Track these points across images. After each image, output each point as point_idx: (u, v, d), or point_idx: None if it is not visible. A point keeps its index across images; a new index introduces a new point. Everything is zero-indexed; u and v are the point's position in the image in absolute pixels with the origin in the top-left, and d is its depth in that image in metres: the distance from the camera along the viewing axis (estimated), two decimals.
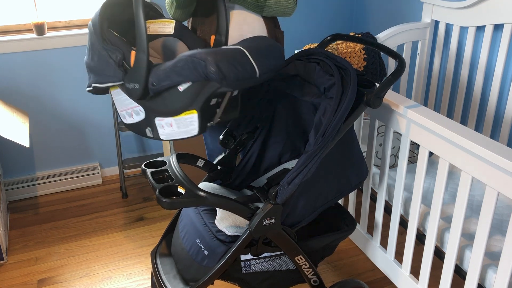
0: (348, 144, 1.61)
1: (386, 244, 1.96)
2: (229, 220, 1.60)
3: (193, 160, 1.81)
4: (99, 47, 1.49)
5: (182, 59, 1.40)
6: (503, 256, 1.37)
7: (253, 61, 1.43)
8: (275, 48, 1.54)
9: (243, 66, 1.41)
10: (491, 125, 2.26)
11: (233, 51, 1.42)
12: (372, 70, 2.29)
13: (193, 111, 1.45)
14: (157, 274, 1.66)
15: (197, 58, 1.37)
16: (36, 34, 2.58)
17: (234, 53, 1.42)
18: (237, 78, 1.40)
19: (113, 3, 1.59)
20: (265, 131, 1.88)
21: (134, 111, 1.55)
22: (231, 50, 1.42)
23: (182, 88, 1.42)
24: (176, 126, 1.49)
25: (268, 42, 1.56)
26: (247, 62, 1.42)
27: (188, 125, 1.48)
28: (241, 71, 1.40)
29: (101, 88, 1.56)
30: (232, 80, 1.38)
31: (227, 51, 1.42)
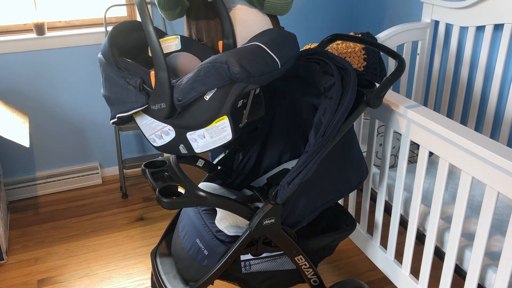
0: (348, 144, 1.61)
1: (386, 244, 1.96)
2: (229, 220, 1.60)
3: (193, 160, 1.81)
4: (115, 77, 1.49)
5: (203, 68, 1.39)
6: (503, 256, 1.37)
7: (272, 53, 1.43)
8: (287, 36, 1.53)
9: (264, 60, 1.40)
10: (491, 125, 2.25)
11: (251, 47, 1.42)
12: (372, 70, 2.29)
13: (223, 117, 1.43)
14: (157, 274, 1.66)
15: (219, 63, 1.36)
16: (36, 34, 2.58)
17: (252, 50, 1.42)
18: (262, 72, 1.39)
19: (119, 32, 1.59)
20: (265, 131, 1.88)
21: (163, 131, 1.54)
22: (249, 47, 1.42)
23: (208, 97, 1.41)
24: (209, 136, 1.48)
25: (279, 32, 1.55)
26: (267, 55, 1.42)
27: (221, 132, 1.47)
28: (263, 65, 1.40)
29: (126, 116, 1.56)
30: (258, 75, 1.38)
31: (244, 49, 1.42)
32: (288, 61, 1.48)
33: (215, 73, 1.35)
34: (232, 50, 1.42)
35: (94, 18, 2.77)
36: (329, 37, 1.92)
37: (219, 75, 1.35)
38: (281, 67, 1.45)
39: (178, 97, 1.40)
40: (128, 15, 2.84)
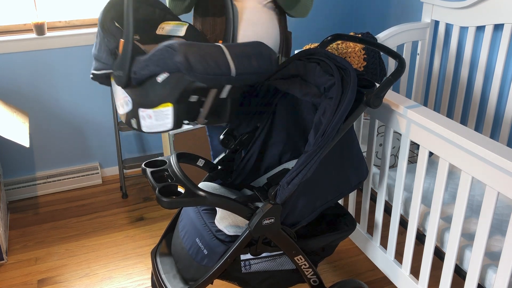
0: (348, 144, 1.61)
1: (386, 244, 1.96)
2: (228, 220, 1.60)
3: (193, 159, 1.81)
4: (100, 36, 1.54)
5: (160, 49, 1.40)
6: (503, 256, 1.37)
7: (230, 59, 1.41)
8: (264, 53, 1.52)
9: (216, 62, 1.39)
10: (491, 125, 2.25)
11: (211, 46, 1.42)
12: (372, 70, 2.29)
13: (168, 104, 1.44)
14: (157, 273, 1.66)
15: (170, 48, 1.37)
16: (36, 34, 2.58)
17: (210, 48, 1.41)
18: (206, 72, 1.38)
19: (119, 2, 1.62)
20: (265, 131, 1.88)
21: (124, 101, 1.56)
22: (210, 46, 1.42)
23: (160, 79, 1.42)
24: (155, 118, 1.48)
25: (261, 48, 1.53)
26: (222, 59, 1.40)
27: (164, 118, 1.47)
28: (212, 66, 1.39)
29: (97, 75, 1.59)
30: (200, 73, 1.37)
31: (204, 45, 1.42)
32: (247, 75, 1.46)
33: (165, 57, 1.37)
34: (193, 42, 1.43)
35: (94, 18, 2.77)
36: (330, 37, 1.92)
37: (166, 59, 1.37)
38: (236, 76, 1.43)
39: (135, 70, 1.43)
40: None
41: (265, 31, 1.86)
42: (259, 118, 1.86)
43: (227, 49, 1.43)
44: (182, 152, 1.75)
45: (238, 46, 1.48)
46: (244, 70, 1.45)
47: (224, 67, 1.41)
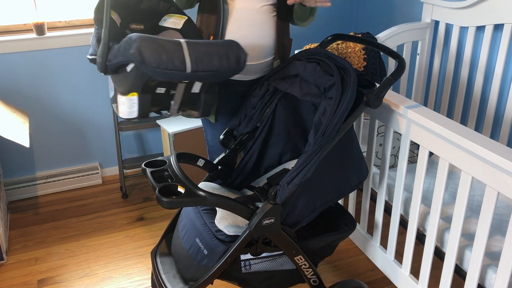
0: (348, 144, 1.61)
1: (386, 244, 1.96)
2: (228, 220, 1.60)
3: (193, 159, 1.81)
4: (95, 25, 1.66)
5: (125, 39, 1.46)
6: (503, 256, 1.37)
7: (187, 56, 1.44)
8: (231, 54, 1.53)
9: (171, 57, 1.42)
10: (491, 125, 2.25)
11: (170, 42, 1.45)
12: (372, 70, 2.29)
13: (134, 93, 1.51)
14: (157, 273, 1.66)
15: (130, 40, 1.42)
16: (36, 34, 2.58)
17: (168, 44, 1.44)
18: (158, 66, 1.41)
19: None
20: (266, 131, 1.88)
21: (110, 87, 1.64)
22: (169, 41, 1.45)
23: (129, 69, 1.47)
24: (127, 105, 1.54)
25: (229, 48, 1.54)
26: (178, 55, 1.43)
27: (132, 106, 1.53)
28: (165, 60, 1.41)
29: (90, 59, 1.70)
30: (153, 67, 1.41)
31: (163, 40, 1.45)
32: (205, 73, 1.48)
33: (126, 48, 1.42)
34: (153, 36, 1.47)
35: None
36: (330, 37, 1.92)
37: (127, 51, 1.42)
38: (191, 73, 1.45)
39: (109, 58, 1.50)
40: None
41: (255, 34, 1.83)
42: (259, 118, 1.86)
43: (187, 45, 1.46)
44: (182, 152, 1.75)
45: (203, 44, 1.50)
46: (201, 68, 1.47)
47: (179, 63, 1.43)
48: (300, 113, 1.90)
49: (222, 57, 1.50)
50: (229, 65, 1.52)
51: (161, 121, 2.78)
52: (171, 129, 2.64)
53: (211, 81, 1.58)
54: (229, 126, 1.87)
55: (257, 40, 1.84)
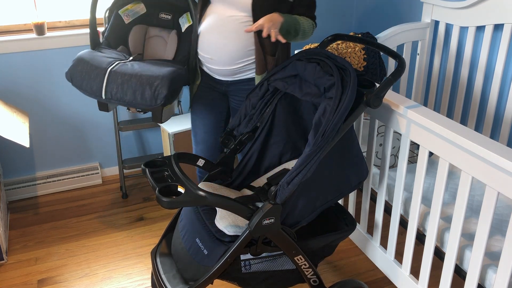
0: (348, 144, 1.61)
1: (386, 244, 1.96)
2: (228, 220, 1.60)
3: (193, 159, 1.81)
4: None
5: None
6: (503, 256, 1.37)
7: (104, 85, 1.70)
8: (149, 90, 1.69)
9: (90, 84, 1.72)
10: (491, 125, 2.25)
11: (97, 68, 1.73)
12: (372, 70, 2.29)
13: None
14: (157, 273, 1.66)
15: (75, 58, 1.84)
16: (36, 34, 2.58)
17: (94, 70, 1.73)
18: (80, 88, 1.75)
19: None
20: (266, 131, 1.88)
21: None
22: (97, 67, 1.73)
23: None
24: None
25: (151, 82, 1.69)
26: (97, 83, 1.71)
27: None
28: (85, 86, 1.73)
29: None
30: (76, 87, 1.77)
31: (94, 66, 1.74)
32: (118, 102, 1.72)
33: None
34: (90, 60, 1.80)
35: None
36: (330, 37, 1.92)
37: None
38: (105, 99, 1.73)
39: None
40: None
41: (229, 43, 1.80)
42: (259, 118, 1.86)
43: (109, 75, 1.71)
44: (182, 152, 1.75)
45: (128, 75, 1.69)
46: (114, 98, 1.71)
47: (96, 90, 1.72)
48: (300, 113, 1.90)
49: (137, 92, 1.69)
50: (142, 101, 1.70)
51: None
52: (171, 129, 2.64)
53: (126, 106, 1.80)
54: (229, 126, 1.87)
55: (229, 50, 1.82)
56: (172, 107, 2.01)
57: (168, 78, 1.72)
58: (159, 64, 1.85)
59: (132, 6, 2.12)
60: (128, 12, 2.11)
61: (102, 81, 1.69)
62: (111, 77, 1.69)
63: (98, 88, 1.69)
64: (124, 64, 1.78)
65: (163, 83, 1.69)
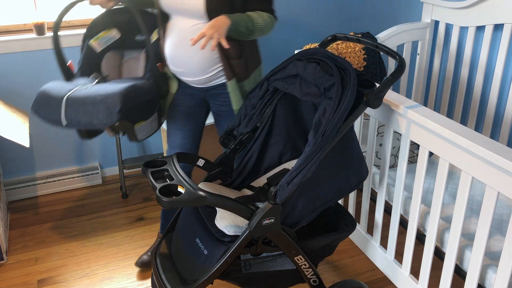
0: (348, 144, 1.61)
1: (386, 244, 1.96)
2: (228, 220, 1.60)
3: (193, 159, 1.81)
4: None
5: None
6: (503, 256, 1.37)
7: (63, 112, 1.73)
8: (104, 110, 1.71)
9: (48, 113, 1.76)
10: (491, 125, 2.26)
11: (54, 98, 1.76)
12: (372, 70, 2.30)
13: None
14: (157, 273, 1.66)
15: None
16: (36, 34, 2.58)
17: (52, 100, 1.76)
18: (43, 118, 1.77)
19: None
20: (265, 131, 1.88)
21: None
22: (55, 98, 1.76)
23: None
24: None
25: (103, 103, 1.71)
26: (55, 112, 1.74)
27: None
28: (45, 114, 1.77)
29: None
30: (39, 116, 1.78)
31: (51, 97, 1.77)
32: (78, 125, 1.73)
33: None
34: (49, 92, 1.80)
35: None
36: (330, 37, 1.92)
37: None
38: (66, 125, 1.74)
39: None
40: None
41: (196, 54, 1.79)
42: (259, 118, 1.86)
43: (66, 103, 1.73)
44: (182, 152, 1.75)
45: (81, 100, 1.73)
46: (74, 123, 1.74)
47: (55, 118, 1.74)
48: (300, 113, 1.90)
49: (92, 113, 1.71)
50: (99, 120, 1.72)
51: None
52: None
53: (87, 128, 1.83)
54: (229, 126, 1.87)
55: (190, 58, 1.82)
56: (148, 124, 1.96)
57: (122, 93, 1.71)
58: (118, 82, 1.87)
59: (105, 33, 2.13)
60: (100, 40, 2.12)
61: (60, 109, 1.72)
62: (68, 103, 1.72)
63: (58, 116, 1.72)
64: (83, 89, 1.80)
65: (116, 98, 1.70)
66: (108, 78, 2.11)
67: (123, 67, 2.20)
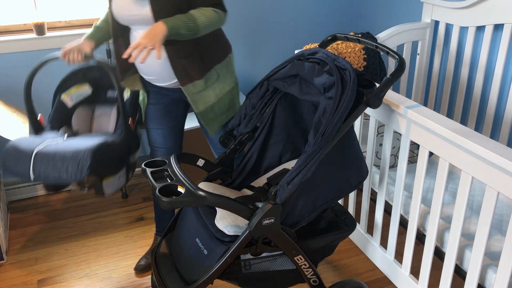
0: (347, 144, 1.61)
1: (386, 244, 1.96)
2: (228, 220, 1.60)
3: (193, 159, 1.81)
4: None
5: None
6: (503, 256, 1.37)
7: (31, 167, 1.77)
8: (72, 165, 1.77)
9: (16, 167, 1.80)
10: (491, 125, 2.25)
11: (24, 153, 1.81)
12: (372, 70, 2.30)
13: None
14: (157, 273, 1.66)
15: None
16: (36, 34, 2.58)
17: (21, 155, 1.80)
18: (11, 172, 1.81)
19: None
20: (265, 131, 1.88)
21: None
22: (25, 152, 1.81)
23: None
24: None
25: (73, 159, 1.77)
26: (23, 166, 1.79)
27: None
28: (14, 168, 1.81)
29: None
30: (7, 169, 1.82)
31: (21, 152, 1.82)
32: (47, 179, 1.78)
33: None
34: (19, 146, 1.84)
35: (94, 18, 2.77)
36: (329, 37, 1.92)
37: None
38: (34, 179, 1.79)
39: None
40: None
41: (158, 61, 1.78)
42: (259, 118, 1.86)
43: (35, 159, 1.78)
44: (182, 152, 1.75)
45: (51, 156, 1.77)
46: (42, 177, 1.78)
47: (25, 171, 1.78)
48: (300, 113, 1.90)
49: (61, 169, 1.76)
50: (67, 177, 1.76)
51: None
52: None
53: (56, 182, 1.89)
54: (229, 126, 1.87)
55: (155, 65, 1.81)
56: (116, 180, 1.98)
57: (92, 150, 1.77)
58: (89, 137, 1.92)
59: (76, 89, 2.20)
60: (72, 95, 2.18)
61: (29, 163, 1.76)
62: (37, 158, 1.77)
63: (27, 170, 1.77)
64: (53, 144, 1.85)
65: (87, 155, 1.75)
66: (79, 132, 2.16)
67: (94, 123, 2.24)
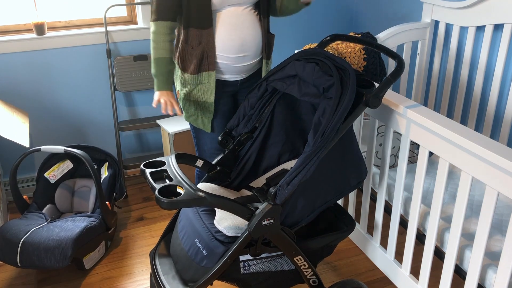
0: (347, 145, 1.60)
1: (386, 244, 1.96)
2: (228, 221, 1.60)
3: (192, 160, 1.80)
4: None
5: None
6: (503, 256, 1.37)
7: (18, 255, 1.97)
8: (57, 249, 1.98)
9: (3, 254, 1.99)
10: (491, 125, 2.25)
11: (10, 241, 2.00)
12: (372, 70, 2.29)
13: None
14: (156, 274, 1.65)
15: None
16: (36, 34, 2.58)
17: (8, 242, 2.00)
18: (3, 258, 2.01)
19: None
20: (264, 131, 1.88)
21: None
22: (11, 241, 2.00)
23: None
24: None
25: (59, 247, 1.98)
26: (11, 254, 1.98)
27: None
28: (3, 257, 2.00)
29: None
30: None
31: (12, 235, 2.03)
32: (31, 267, 2.00)
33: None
34: (8, 231, 2.06)
35: (94, 18, 2.77)
36: (329, 37, 1.92)
37: None
38: (21, 267, 2.00)
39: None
40: (128, 14, 2.84)
41: (248, 33, 1.88)
42: (257, 119, 1.86)
43: (21, 247, 1.97)
44: (181, 152, 1.75)
45: (37, 243, 1.97)
46: (28, 265, 1.98)
47: (12, 259, 1.98)
48: (298, 114, 1.90)
49: (46, 258, 1.96)
50: (51, 264, 1.97)
51: (161, 121, 2.78)
52: (171, 129, 2.64)
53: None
54: (227, 127, 1.87)
55: (252, 39, 1.90)
56: (96, 253, 2.23)
57: (74, 239, 2.01)
58: (71, 223, 2.14)
59: (58, 166, 2.42)
60: (54, 172, 2.39)
61: (16, 253, 1.97)
62: (24, 247, 1.97)
63: (14, 258, 1.97)
64: (38, 230, 2.06)
65: (69, 245, 1.99)
66: (61, 211, 2.42)
67: (75, 197, 2.47)
